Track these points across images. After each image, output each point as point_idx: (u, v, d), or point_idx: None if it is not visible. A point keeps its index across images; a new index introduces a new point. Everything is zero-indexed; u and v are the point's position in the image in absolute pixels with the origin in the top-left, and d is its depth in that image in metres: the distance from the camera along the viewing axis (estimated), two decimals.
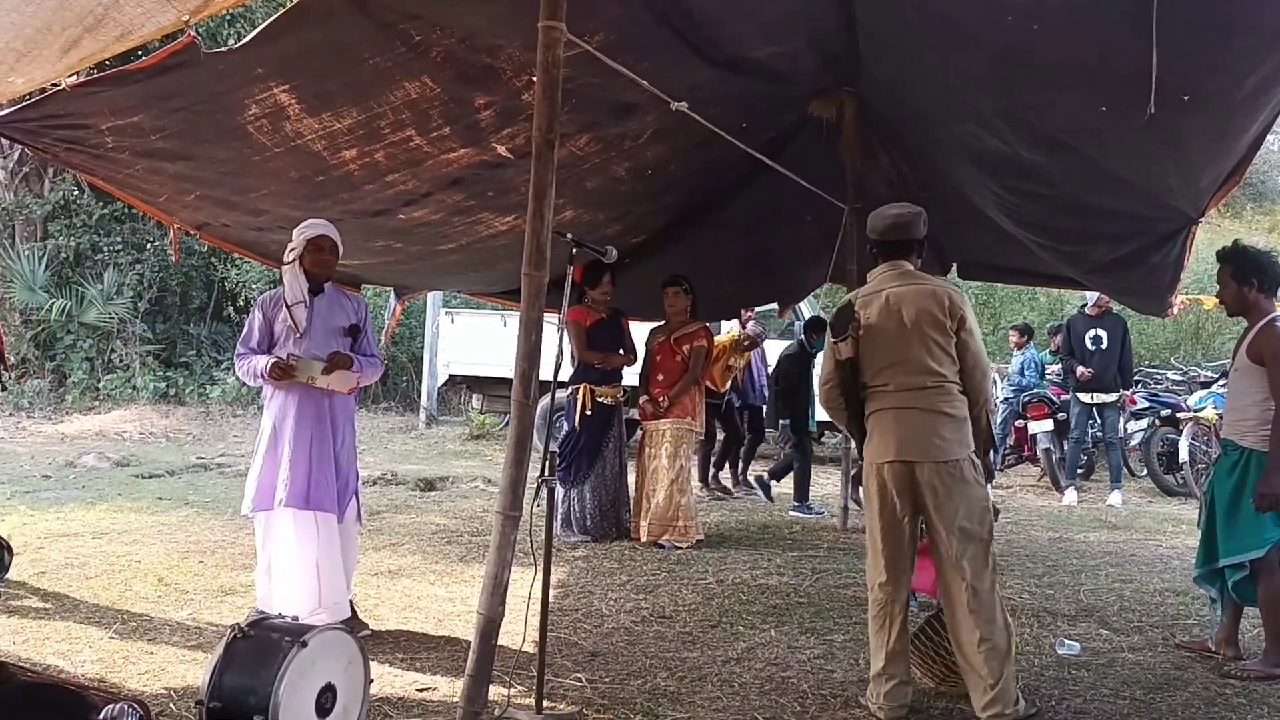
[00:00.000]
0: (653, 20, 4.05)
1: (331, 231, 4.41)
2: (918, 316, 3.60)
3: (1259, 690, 3.99)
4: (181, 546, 6.22)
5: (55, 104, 3.82)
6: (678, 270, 6.91)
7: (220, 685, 3.01)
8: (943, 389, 3.59)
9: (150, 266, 15.49)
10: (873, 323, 3.64)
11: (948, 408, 3.57)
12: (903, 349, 3.60)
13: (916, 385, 3.58)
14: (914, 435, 3.55)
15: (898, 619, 3.60)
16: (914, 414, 3.57)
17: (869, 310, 3.67)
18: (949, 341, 3.61)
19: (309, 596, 4.22)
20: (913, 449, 3.54)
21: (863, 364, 3.67)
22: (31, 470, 9.51)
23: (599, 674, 4.01)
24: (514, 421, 3.28)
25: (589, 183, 5.51)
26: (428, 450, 12.33)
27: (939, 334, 3.59)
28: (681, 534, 6.57)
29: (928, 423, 3.55)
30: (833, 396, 3.78)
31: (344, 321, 4.46)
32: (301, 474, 4.26)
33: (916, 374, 3.58)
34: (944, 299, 3.63)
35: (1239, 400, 4.29)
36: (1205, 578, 4.47)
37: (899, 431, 3.57)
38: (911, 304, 3.61)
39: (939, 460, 3.52)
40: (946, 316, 3.60)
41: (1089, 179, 4.59)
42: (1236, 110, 3.59)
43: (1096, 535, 7.48)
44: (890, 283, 3.70)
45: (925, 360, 3.58)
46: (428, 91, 4.07)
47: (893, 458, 3.57)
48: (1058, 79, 3.85)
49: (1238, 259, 4.33)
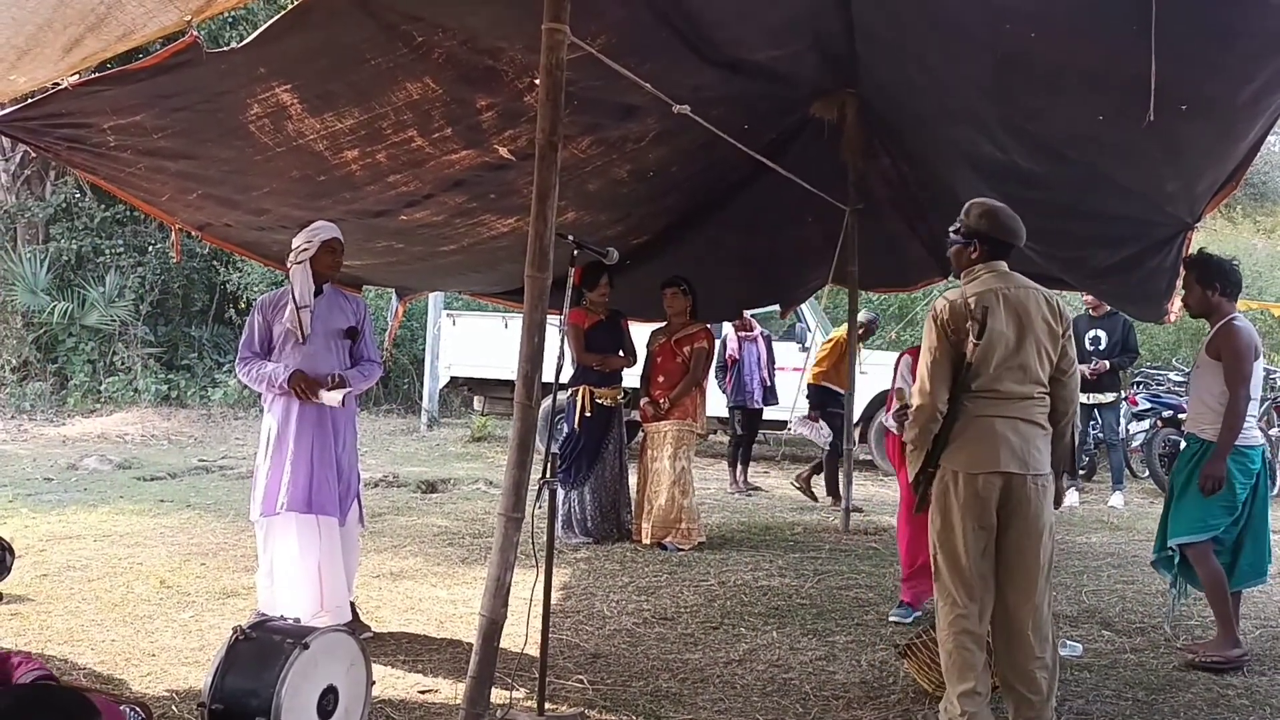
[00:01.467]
0: (655, 22, 4.05)
1: (340, 234, 4.44)
2: (1035, 322, 3.45)
3: (1261, 691, 3.99)
4: (183, 549, 6.22)
5: (57, 103, 3.81)
6: (679, 271, 6.91)
7: (222, 687, 3.01)
8: (1044, 400, 3.48)
9: (152, 269, 15.49)
10: (997, 325, 3.41)
11: (1043, 420, 3.47)
12: (1021, 355, 3.42)
13: (1026, 395, 3.42)
14: (1022, 446, 3.39)
15: (983, 639, 3.42)
16: (1022, 425, 3.41)
17: (991, 309, 3.42)
18: (1056, 349, 3.49)
19: (311, 600, 4.22)
20: (1016, 461, 3.37)
21: (977, 369, 3.41)
22: (33, 473, 9.51)
23: (601, 676, 4.01)
24: (516, 423, 3.28)
25: (590, 185, 5.52)
26: (429, 452, 12.32)
27: (1050, 341, 3.47)
28: (684, 536, 6.57)
29: (1032, 434, 3.42)
30: (943, 402, 3.43)
31: (343, 323, 4.45)
32: (303, 478, 4.25)
33: (1029, 382, 3.43)
34: (1055, 304, 3.52)
35: (1200, 394, 4.49)
36: (1161, 563, 4.63)
37: (1009, 442, 3.38)
38: (1028, 308, 3.46)
39: (1038, 473, 3.41)
40: (1058, 323, 3.50)
41: (1086, 184, 4.61)
42: (1237, 115, 3.59)
43: (1098, 536, 7.47)
44: (998, 283, 3.50)
45: (1036, 369, 3.44)
46: (429, 92, 4.07)
47: (998, 469, 3.37)
48: (1056, 86, 3.86)
49: (1202, 265, 4.50)
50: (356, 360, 4.50)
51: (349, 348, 4.46)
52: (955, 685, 3.38)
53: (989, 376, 3.41)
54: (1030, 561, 3.38)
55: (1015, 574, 3.40)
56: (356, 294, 5.27)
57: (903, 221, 7.32)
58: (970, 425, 3.42)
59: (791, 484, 9.02)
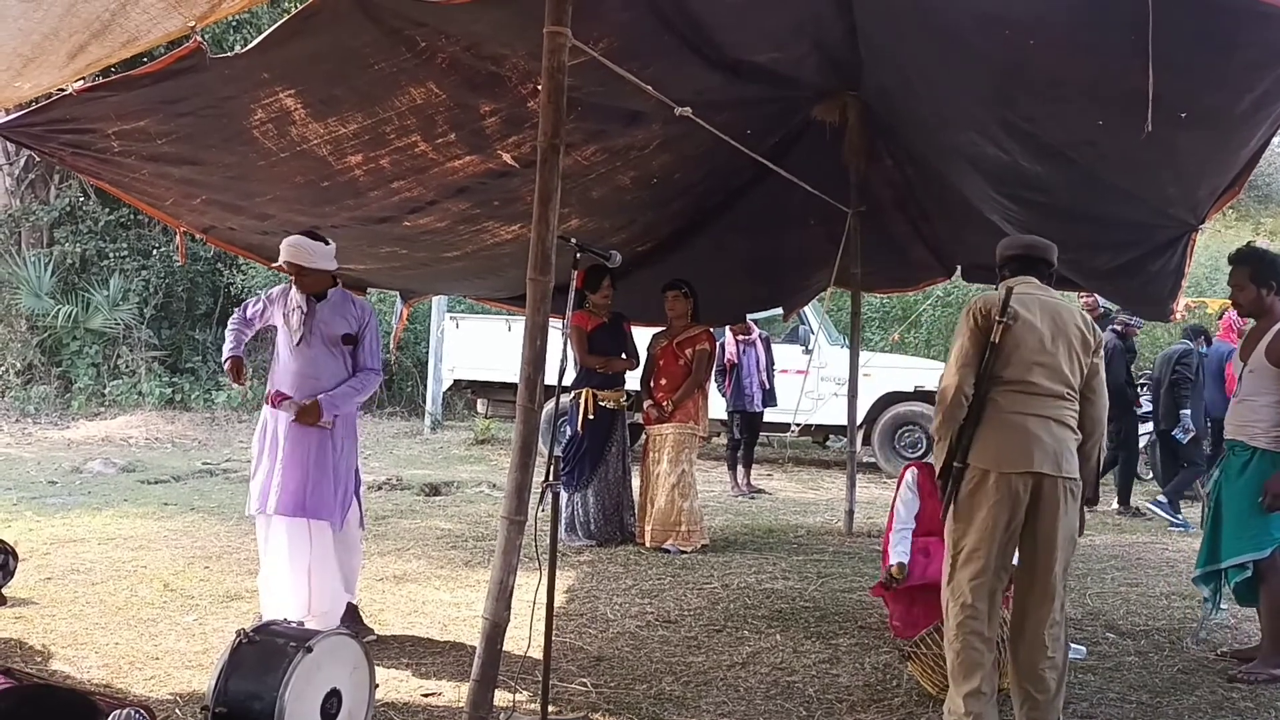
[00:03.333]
0: (657, 25, 4.05)
1: (299, 255, 4.24)
2: (1069, 328, 3.47)
3: (1266, 694, 3.98)
4: (187, 552, 6.23)
5: (61, 108, 3.83)
6: (682, 274, 6.91)
7: (226, 690, 3.02)
8: (1074, 408, 3.46)
9: (156, 272, 15.52)
10: (1030, 318, 3.40)
11: (1075, 425, 3.45)
12: (1054, 353, 3.41)
13: (1058, 394, 3.41)
14: (1055, 447, 3.36)
15: (993, 640, 3.43)
16: (1055, 426, 3.39)
17: (1025, 306, 3.43)
18: (1087, 361, 3.50)
19: (299, 605, 4.18)
20: (1050, 462, 3.35)
21: (1005, 356, 3.39)
22: (38, 476, 9.53)
23: (604, 679, 4.01)
24: (519, 426, 3.28)
25: (594, 192, 5.52)
26: (432, 455, 12.33)
27: (1083, 350, 3.48)
28: (685, 538, 6.57)
29: (1065, 436, 3.41)
30: (969, 385, 3.40)
31: (342, 330, 4.41)
32: (295, 481, 4.23)
33: (1060, 383, 3.41)
34: (1089, 319, 3.55)
35: (1252, 400, 4.26)
36: (1203, 578, 4.46)
37: (1043, 442, 3.35)
38: (1062, 314, 3.49)
39: (1070, 477, 3.39)
40: (1091, 337, 3.51)
41: (1088, 188, 4.59)
42: (1236, 125, 3.58)
43: (1102, 538, 7.46)
44: (1035, 289, 3.54)
45: (1067, 372, 3.42)
46: (433, 97, 4.07)
47: (1031, 469, 3.34)
48: (1055, 93, 3.85)
49: (1255, 261, 4.31)
50: (357, 366, 4.47)
51: (350, 353, 4.45)
52: (960, 685, 3.37)
53: (1020, 367, 3.38)
54: (1053, 565, 3.38)
55: (1037, 577, 3.40)
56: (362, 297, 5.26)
57: (906, 222, 7.33)
58: (1003, 422, 3.39)
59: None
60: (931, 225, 7.27)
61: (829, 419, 10.87)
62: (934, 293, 14.36)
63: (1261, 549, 4.16)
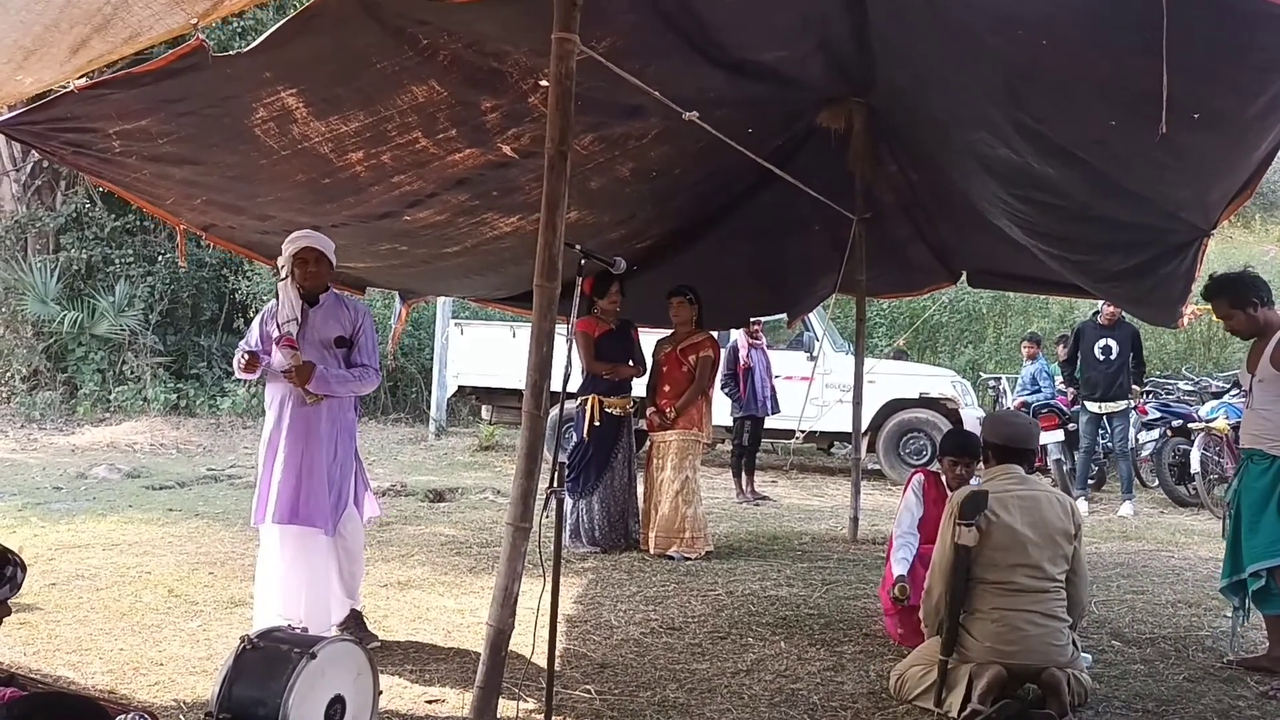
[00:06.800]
0: (661, 25, 4.04)
1: (317, 241, 4.35)
2: (1050, 524, 3.71)
3: (1273, 704, 3.95)
4: (192, 558, 6.23)
5: (63, 107, 3.81)
6: (686, 278, 6.90)
7: (230, 696, 3.01)
8: (1061, 595, 3.74)
9: (161, 279, 15.55)
10: (1009, 521, 3.69)
11: (1061, 614, 3.73)
12: (1035, 552, 3.68)
13: (1041, 589, 3.68)
14: (1042, 639, 3.65)
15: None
16: (1039, 618, 3.66)
17: (1004, 506, 3.71)
18: (1069, 550, 3.75)
19: (290, 612, 4.17)
20: (1038, 655, 3.64)
21: (987, 558, 3.69)
22: (43, 482, 9.54)
23: (608, 686, 4.00)
24: (524, 432, 3.27)
25: (592, 183, 5.47)
26: (437, 461, 12.33)
27: (1065, 542, 3.74)
28: (689, 545, 6.55)
29: (1055, 629, 3.68)
30: (950, 582, 3.71)
31: (335, 333, 4.40)
32: (289, 489, 4.23)
33: (1044, 579, 3.69)
34: (1069, 506, 3.82)
35: (1265, 410, 4.30)
36: (1231, 589, 4.45)
37: (1027, 634, 3.64)
38: (1044, 510, 3.73)
39: (1062, 663, 3.67)
40: (1071, 524, 3.77)
41: (1100, 190, 4.58)
42: (1247, 128, 3.58)
43: (1108, 546, 7.44)
44: (1015, 485, 3.81)
45: (1050, 567, 3.70)
46: (435, 95, 4.07)
47: (1016, 661, 3.62)
48: (1068, 93, 3.85)
49: (1229, 288, 4.39)
50: (351, 367, 4.44)
51: (344, 356, 4.43)
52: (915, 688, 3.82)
53: (1003, 567, 3.67)
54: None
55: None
56: (359, 297, 5.24)
57: (911, 228, 7.31)
58: (984, 614, 3.69)
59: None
60: (936, 230, 7.26)
61: (833, 425, 10.86)
62: (940, 297, 14.36)
63: (1278, 556, 4.18)
